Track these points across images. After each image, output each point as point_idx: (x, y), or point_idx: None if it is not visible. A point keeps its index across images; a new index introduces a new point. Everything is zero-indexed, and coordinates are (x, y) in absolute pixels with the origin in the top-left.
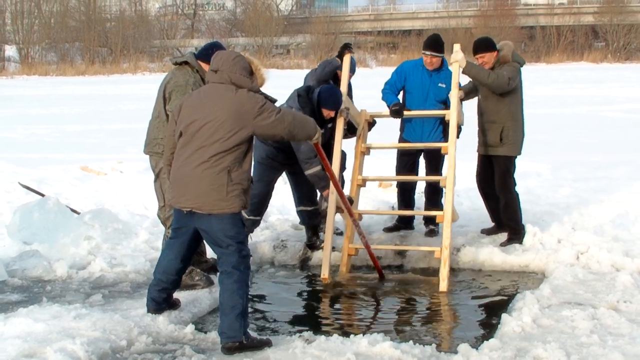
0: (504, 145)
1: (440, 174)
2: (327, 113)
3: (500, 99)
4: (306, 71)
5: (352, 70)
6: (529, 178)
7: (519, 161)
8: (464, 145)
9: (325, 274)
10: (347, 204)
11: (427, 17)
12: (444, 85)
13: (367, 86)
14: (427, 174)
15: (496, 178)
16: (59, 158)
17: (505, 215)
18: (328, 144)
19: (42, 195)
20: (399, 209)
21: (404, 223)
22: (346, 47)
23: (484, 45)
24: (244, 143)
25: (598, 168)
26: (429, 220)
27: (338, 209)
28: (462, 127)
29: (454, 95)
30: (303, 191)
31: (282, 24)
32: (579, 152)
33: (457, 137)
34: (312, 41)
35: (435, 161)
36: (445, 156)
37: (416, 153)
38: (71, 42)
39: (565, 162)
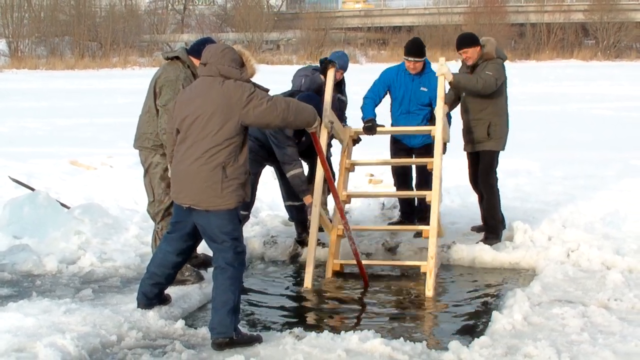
0: (491, 140)
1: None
2: None
3: (486, 96)
4: (296, 67)
5: (344, 68)
6: (520, 176)
7: (509, 158)
8: (453, 141)
9: (308, 284)
10: (339, 202)
11: (418, 13)
12: (425, 89)
13: (356, 82)
14: (417, 169)
15: (480, 173)
16: (50, 152)
17: (487, 213)
18: (309, 151)
19: (32, 189)
20: (398, 190)
21: (407, 217)
22: (329, 63)
23: (467, 40)
24: (236, 136)
25: (588, 166)
26: (422, 220)
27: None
28: (447, 143)
29: (439, 107)
30: (290, 186)
31: (272, 19)
32: (570, 150)
33: (444, 152)
34: (302, 37)
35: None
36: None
37: (408, 154)
38: (61, 36)
39: (555, 159)
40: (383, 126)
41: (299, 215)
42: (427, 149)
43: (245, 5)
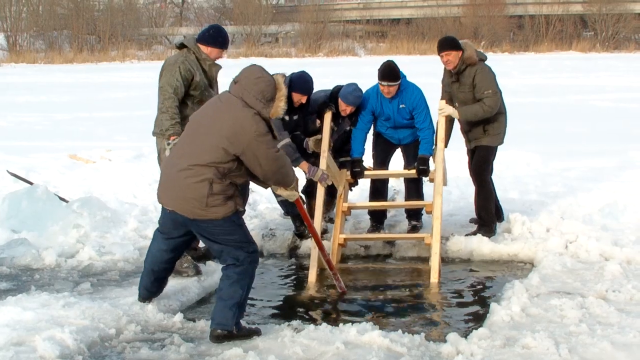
0: (487, 136)
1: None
2: (298, 98)
3: (480, 101)
4: (294, 60)
5: (354, 104)
6: (518, 167)
7: (507, 150)
8: (452, 133)
9: (312, 279)
10: (329, 260)
11: (416, 5)
12: (404, 106)
13: (355, 75)
14: (405, 180)
15: (474, 166)
16: (49, 146)
17: (478, 204)
18: (293, 133)
19: (31, 183)
20: (370, 200)
21: (378, 222)
22: (326, 106)
23: (448, 43)
24: (230, 162)
25: (587, 157)
26: (412, 216)
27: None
28: (445, 185)
29: (439, 150)
30: None
31: (271, 12)
32: (568, 142)
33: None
34: (301, 30)
35: (413, 157)
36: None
37: (391, 148)
38: (59, 30)
39: (554, 151)
40: (370, 169)
41: (293, 209)
42: (415, 144)
43: None
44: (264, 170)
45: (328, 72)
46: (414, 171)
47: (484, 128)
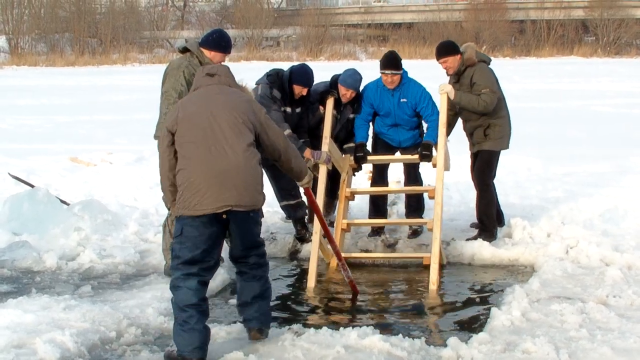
0: (489, 140)
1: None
2: (299, 90)
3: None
4: (295, 63)
5: (354, 88)
6: (519, 172)
7: (508, 155)
8: (453, 137)
9: (311, 284)
10: (338, 251)
11: (418, 10)
12: (405, 100)
13: None
14: (405, 165)
15: (475, 170)
16: (49, 149)
17: (479, 209)
18: (298, 126)
19: (32, 186)
20: (370, 216)
21: (377, 233)
22: (328, 92)
23: (445, 49)
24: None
25: (588, 162)
26: (415, 212)
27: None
28: (448, 171)
29: (441, 135)
30: (283, 185)
31: (272, 16)
32: (569, 146)
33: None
34: (302, 33)
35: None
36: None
37: (391, 152)
38: (61, 33)
39: (555, 156)
40: (371, 154)
41: (296, 213)
42: (415, 148)
43: (245, 2)
44: (280, 143)
45: (329, 76)
46: (416, 156)
47: (485, 132)
